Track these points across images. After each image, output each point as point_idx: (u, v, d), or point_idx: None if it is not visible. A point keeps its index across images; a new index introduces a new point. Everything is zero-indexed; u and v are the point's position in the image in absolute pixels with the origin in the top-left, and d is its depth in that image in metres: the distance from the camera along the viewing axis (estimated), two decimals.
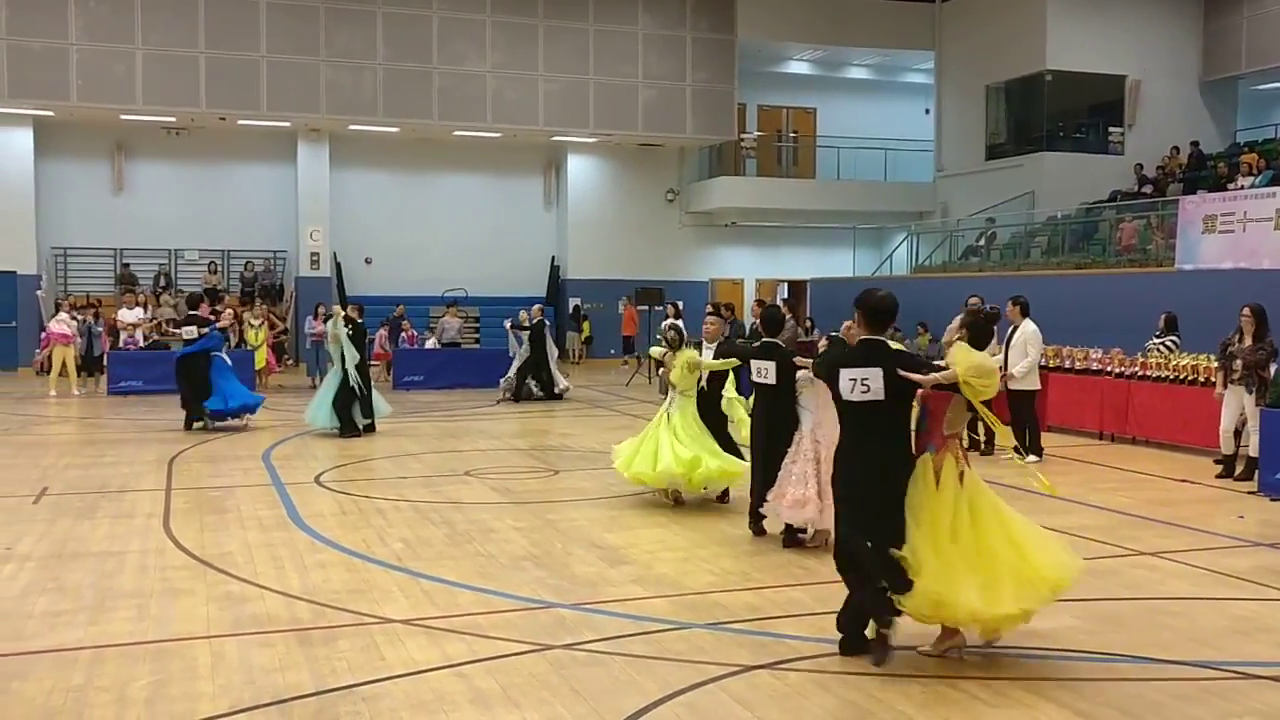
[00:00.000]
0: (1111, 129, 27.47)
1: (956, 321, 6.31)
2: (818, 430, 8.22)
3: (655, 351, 10.91)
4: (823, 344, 6.40)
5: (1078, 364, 15.56)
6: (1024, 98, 27.88)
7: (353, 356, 14.75)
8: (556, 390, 19.84)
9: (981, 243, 27.04)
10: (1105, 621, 6.75)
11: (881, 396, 5.86)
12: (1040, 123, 27.25)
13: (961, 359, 5.85)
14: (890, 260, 29.82)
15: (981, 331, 6.22)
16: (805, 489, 8.16)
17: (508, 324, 20.59)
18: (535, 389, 19.69)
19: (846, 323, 6.33)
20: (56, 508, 10.00)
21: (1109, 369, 14.98)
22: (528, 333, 19.78)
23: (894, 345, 6.25)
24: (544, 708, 5.29)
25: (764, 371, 8.54)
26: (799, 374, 8.25)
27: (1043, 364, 15.82)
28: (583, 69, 27.11)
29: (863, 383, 5.89)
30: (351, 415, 14.74)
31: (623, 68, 27.43)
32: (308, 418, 15.05)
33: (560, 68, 26.94)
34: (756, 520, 8.81)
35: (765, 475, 8.54)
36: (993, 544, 5.91)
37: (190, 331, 15.40)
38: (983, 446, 13.53)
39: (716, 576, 7.71)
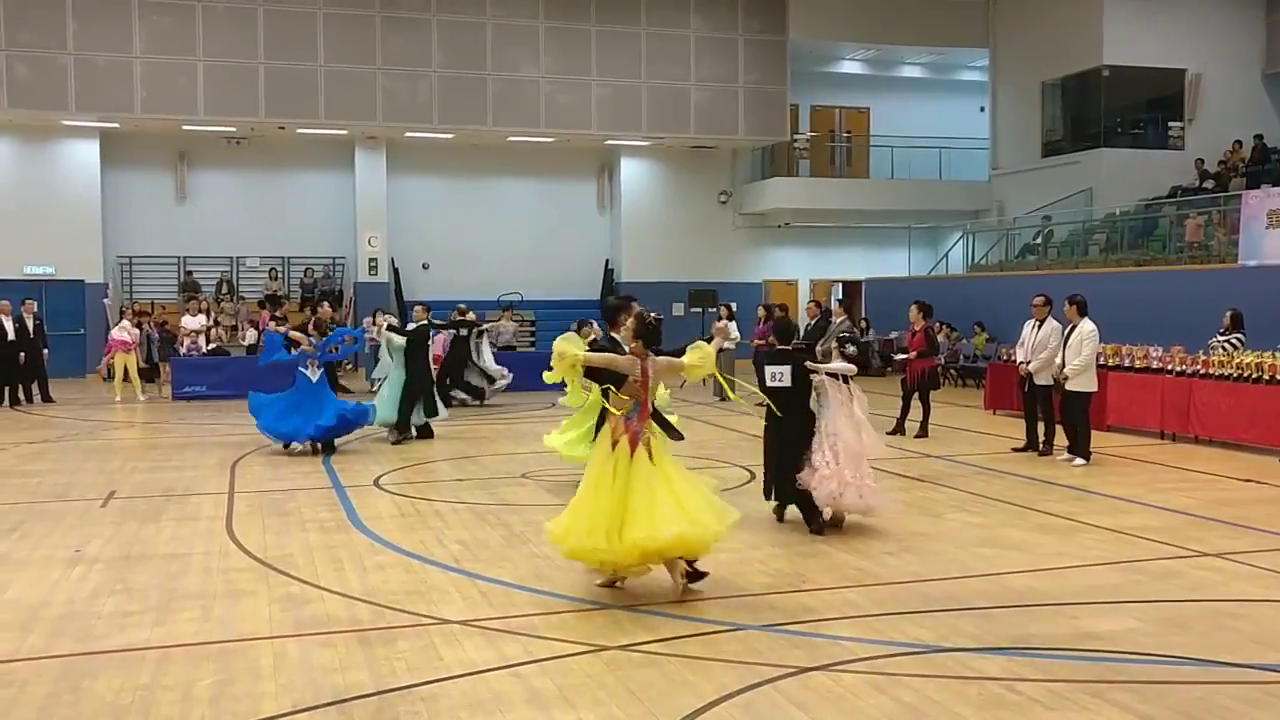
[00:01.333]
0: (1171, 124, 27.03)
1: (631, 321, 7.57)
2: (832, 426, 8.98)
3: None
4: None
5: (1138, 362, 15.34)
6: (1080, 94, 27.50)
7: (385, 364, 15.25)
8: (485, 396, 19.43)
9: (1038, 241, 26.73)
10: (1168, 623, 6.66)
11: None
12: (1097, 119, 26.87)
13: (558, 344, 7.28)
14: (946, 259, 29.58)
15: (651, 334, 7.39)
16: (826, 472, 8.88)
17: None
18: (463, 394, 19.07)
19: (718, 323, 7.58)
20: (124, 511, 10.22)
21: (1170, 367, 14.75)
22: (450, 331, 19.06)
23: (618, 338, 7.73)
24: (599, 708, 5.33)
25: (779, 376, 9.09)
26: (814, 378, 9.11)
27: (1101, 363, 15.64)
28: (635, 73, 27.19)
29: None
30: (409, 415, 14.82)
31: (675, 70, 27.47)
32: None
33: (612, 72, 27.04)
34: (781, 508, 9.51)
35: (777, 470, 9.26)
36: (643, 499, 6.92)
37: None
38: (1041, 447, 13.40)
39: (771, 578, 7.72)
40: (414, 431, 14.91)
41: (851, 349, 9.58)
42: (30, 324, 20.08)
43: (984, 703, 5.40)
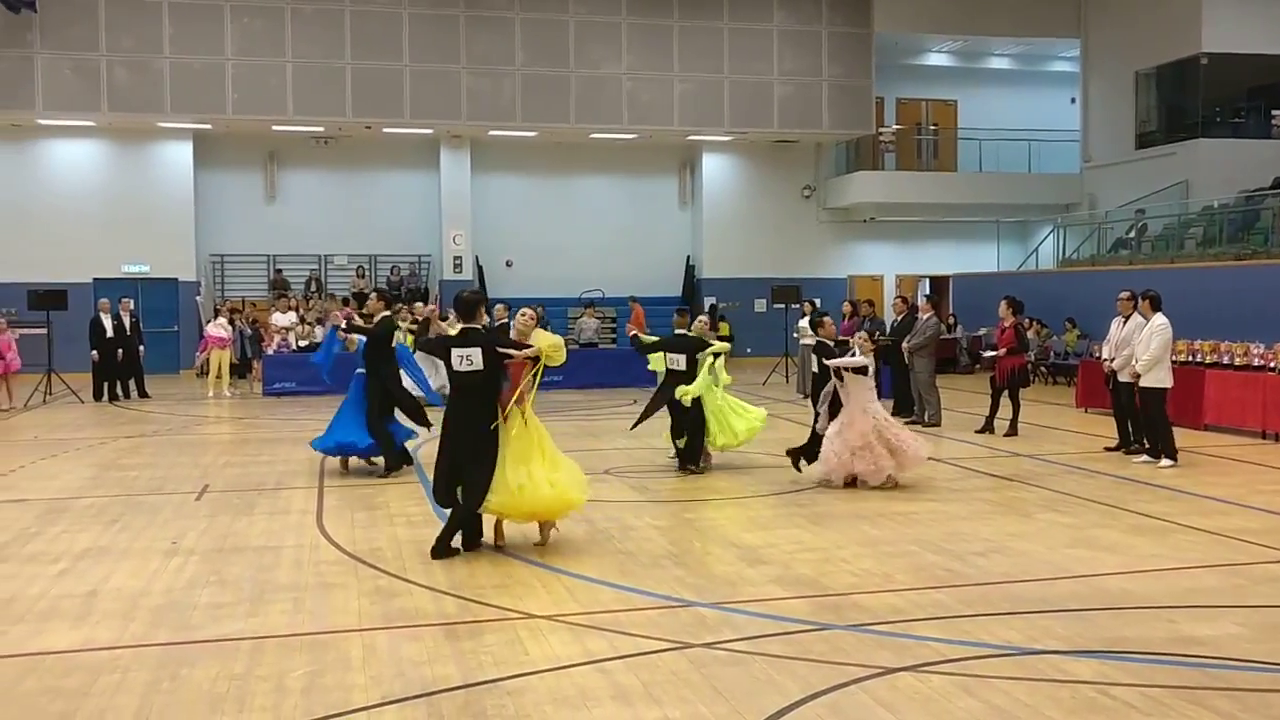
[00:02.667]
0: (1274, 112, 26.18)
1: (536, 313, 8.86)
2: (855, 404, 10.87)
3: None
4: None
5: (1237, 360, 14.88)
6: (1177, 83, 26.77)
7: None
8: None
9: (1131, 235, 26.09)
10: (1272, 629, 6.46)
11: (481, 367, 8.11)
12: (1195, 108, 26.13)
13: (540, 338, 8.43)
14: (1036, 254, 29.02)
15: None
16: (858, 448, 10.75)
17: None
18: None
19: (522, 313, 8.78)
20: (217, 504, 10.47)
21: (1272, 364, 14.29)
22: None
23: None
24: (685, 705, 5.32)
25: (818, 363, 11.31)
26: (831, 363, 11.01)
27: (1199, 360, 15.23)
28: (717, 68, 27.11)
29: (467, 358, 8.12)
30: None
31: (757, 65, 27.34)
32: None
33: (695, 67, 27.00)
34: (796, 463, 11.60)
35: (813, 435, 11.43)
36: (548, 466, 8.28)
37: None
38: (1132, 446, 13.08)
39: (857, 578, 7.64)
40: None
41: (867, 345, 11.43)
42: (127, 321, 20.67)
43: (1076, 706, 5.28)
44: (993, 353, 15.46)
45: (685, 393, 11.64)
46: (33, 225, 25.41)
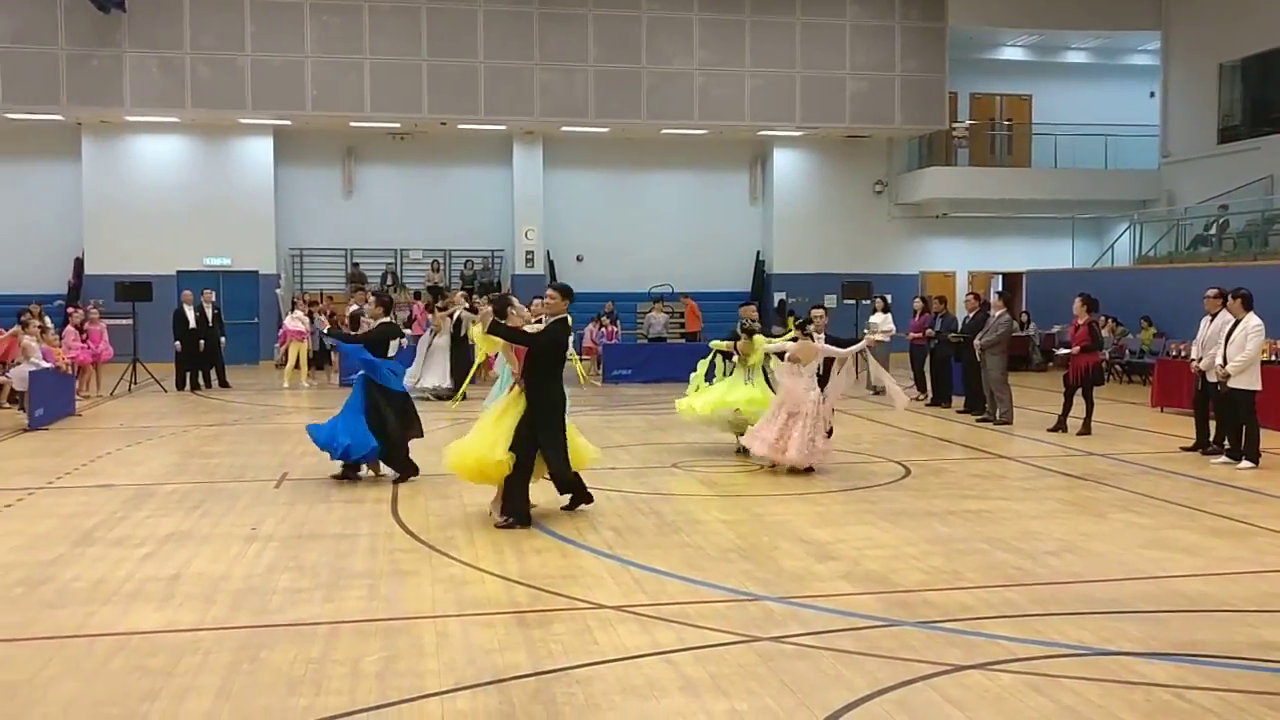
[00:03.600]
0: None
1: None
2: (781, 390, 11.78)
3: (720, 344, 13.52)
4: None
5: None
6: (1263, 74, 26.10)
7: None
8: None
9: (1212, 232, 25.51)
10: None
11: None
12: None
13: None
14: (1112, 251, 28.51)
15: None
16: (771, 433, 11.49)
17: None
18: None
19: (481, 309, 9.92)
20: (295, 492, 10.70)
21: None
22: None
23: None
24: (752, 698, 5.36)
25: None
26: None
27: (1276, 359, 14.90)
28: (789, 63, 27.01)
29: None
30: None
31: (830, 60, 27.18)
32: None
33: (767, 62, 26.92)
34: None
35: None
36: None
37: None
38: (1210, 446, 12.82)
39: (926, 575, 7.61)
40: None
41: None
42: (209, 313, 21.17)
43: (1150, 709, 5.23)
44: (1067, 350, 15.26)
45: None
46: (120, 219, 26.11)
